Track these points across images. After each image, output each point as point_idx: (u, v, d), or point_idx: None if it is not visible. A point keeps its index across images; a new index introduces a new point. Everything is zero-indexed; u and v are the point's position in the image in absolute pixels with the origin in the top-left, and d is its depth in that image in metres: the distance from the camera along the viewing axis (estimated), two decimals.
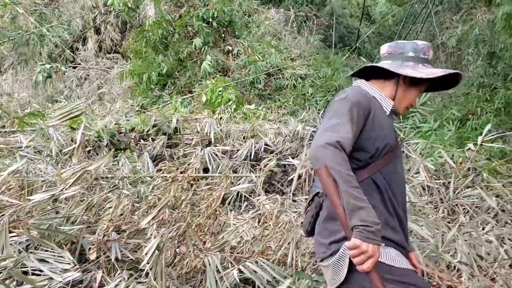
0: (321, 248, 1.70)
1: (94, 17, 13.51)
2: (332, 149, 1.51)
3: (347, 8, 19.52)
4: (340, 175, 1.48)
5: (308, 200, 1.78)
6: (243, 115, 6.77)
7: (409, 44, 1.89)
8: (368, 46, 18.69)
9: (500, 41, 8.50)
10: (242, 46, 9.30)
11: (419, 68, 1.82)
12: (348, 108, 1.65)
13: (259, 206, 4.05)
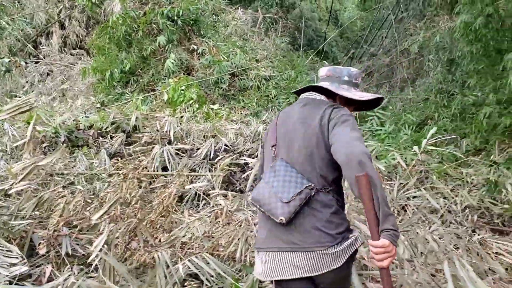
0: (327, 237, 1.89)
1: (58, 11, 13.26)
2: (371, 160, 1.78)
3: (316, 12, 19.78)
4: (380, 185, 1.73)
5: (297, 192, 1.89)
6: (205, 115, 6.79)
7: (345, 70, 2.22)
8: (335, 50, 19.00)
9: (459, 48, 8.78)
10: (207, 46, 9.31)
11: (352, 91, 2.17)
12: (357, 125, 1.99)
13: (214, 204, 4.09)
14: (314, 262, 1.88)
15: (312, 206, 1.92)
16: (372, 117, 6.70)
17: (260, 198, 1.94)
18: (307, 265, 1.89)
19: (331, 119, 1.97)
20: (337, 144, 1.85)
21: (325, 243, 1.88)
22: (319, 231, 1.90)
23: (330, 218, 1.92)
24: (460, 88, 9.06)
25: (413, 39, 11.69)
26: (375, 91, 11.81)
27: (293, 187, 1.90)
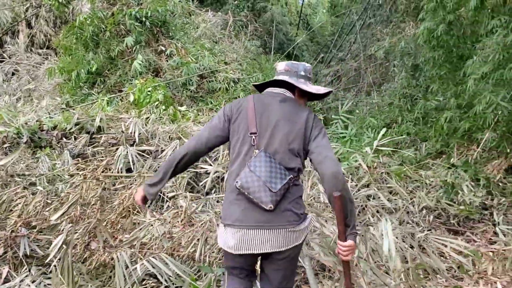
0: (295, 217, 2.21)
1: (25, 9, 13.00)
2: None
3: (287, 16, 19.94)
4: (351, 200, 2.15)
5: (283, 183, 2.16)
6: (171, 116, 6.79)
7: (301, 65, 2.42)
8: (306, 54, 19.20)
9: (422, 54, 9.01)
10: (175, 47, 9.30)
11: (309, 84, 2.40)
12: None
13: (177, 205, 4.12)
14: (282, 238, 2.18)
15: (290, 191, 2.21)
16: (337, 120, 6.82)
17: (250, 186, 2.15)
18: (277, 241, 2.17)
19: (314, 127, 2.28)
20: (323, 159, 2.15)
21: (293, 221, 2.19)
22: (290, 211, 2.19)
23: (297, 200, 2.24)
24: (423, 93, 9.31)
25: (379, 44, 11.93)
26: (342, 95, 12.01)
27: (279, 178, 2.15)
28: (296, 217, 2.20)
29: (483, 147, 6.25)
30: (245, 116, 2.32)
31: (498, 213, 4.74)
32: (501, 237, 4.25)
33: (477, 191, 5.17)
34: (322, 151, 2.17)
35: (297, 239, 2.22)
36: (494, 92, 5.89)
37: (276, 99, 2.34)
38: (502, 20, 5.97)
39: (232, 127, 2.33)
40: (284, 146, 2.23)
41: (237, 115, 2.35)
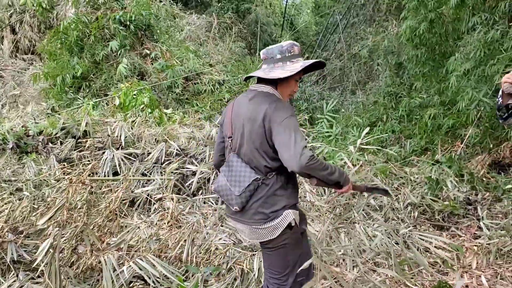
0: (260, 215, 2.24)
1: (9, 15, 12.89)
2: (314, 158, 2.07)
3: (272, 17, 19.99)
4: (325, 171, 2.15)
5: (245, 186, 2.23)
6: (157, 119, 6.79)
7: (276, 48, 2.31)
8: None
9: (405, 52, 9.11)
10: (160, 50, 9.30)
11: (287, 66, 2.26)
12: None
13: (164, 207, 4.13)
14: (254, 234, 2.31)
15: (258, 191, 2.24)
16: (322, 120, 6.88)
17: (220, 190, 2.32)
18: (251, 235, 2.34)
19: (273, 121, 2.15)
20: (285, 154, 2.09)
21: (258, 220, 2.25)
22: (255, 211, 2.25)
23: (266, 200, 2.24)
24: (407, 90, 9.41)
25: (363, 43, 12.03)
26: (328, 94, 12.09)
27: (242, 181, 2.23)
28: (263, 216, 2.24)
29: (467, 143, 6.35)
30: (225, 119, 2.40)
31: (482, 208, 4.82)
32: (485, 231, 4.31)
33: (461, 186, 5.25)
34: (282, 147, 2.10)
35: (269, 235, 2.26)
36: (477, 88, 5.99)
37: (247, 96, 2.32)
38: (482, 17, 6.07)
39: (223, 132, 2.43)
40: (250, 146, 2.24)
41: (223, 120, 2.44)
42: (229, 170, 2.29)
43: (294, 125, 2.14)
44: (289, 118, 2.14)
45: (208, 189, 5.05)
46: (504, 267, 3.65)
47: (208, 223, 4.26)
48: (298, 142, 2.07)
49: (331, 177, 2.19)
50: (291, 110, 2.20)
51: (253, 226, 2.27)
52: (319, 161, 2.10)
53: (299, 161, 2.03)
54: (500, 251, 3.86)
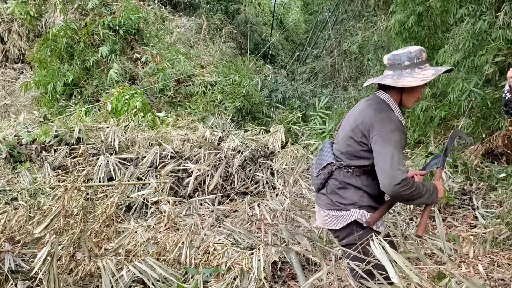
0: (328, 201, 2.38)
1: None
2: (407, 184, 2.12)
3: (261, 17, 20.00)
4: (410, 199, 2.21)
5: (321, 167, 2.38)
6: (150, 123, 6.79)
7: (404, 55, 2.27)
8: (282, 53, 19.31)
9: (395, 46, 9.15)
10: (150, 54, 9.28)
11: (416, 73, 2.23)
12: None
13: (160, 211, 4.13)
14: (322, 218, 2.46)
15: (333, 176, 2.36)
16: (315, 116, 6.90)
17: (311, 172, 2.55)
18: (319, 218, 2.51)
19: (374, 129, 2.20)
20: (380, 168, 2.15)
21: (327, 205, 2.39)
22: (327, 196, 2.38)
23: (337, 191, 2.34)
24: None
25: (353, 39, 12.06)
26: (320, 91, 12.10)
27: (321, 164, 2.40)
28: (330, 202, 2.36)
29: None
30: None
31: (477, 198, 4.86)
32: (481, 221, 4.36)
33: (456, 177, 5.28)
34: (379, 161, 2.15)
35: (331, 223, 2.38)
36: (467, 79, 6.04)
37: (366, 100, 2.39)
38: (470, 9, 6.12)
39: None
40: (344, 141, 2.35)
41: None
42: (319, 154, 2.48)
43: (394, 141, 2.15)
44: (390, 132, 2.16)
45: (205, 191, 5.06)
46: (500, 255, 3.68)
47: (205, 224, 4.27)
48: (394, 160, 2.11)
49: (418, 201, 2.23)
50: (396, 124, 2.19)
51: (323, 209, 2.42)
52: (411, 189, 2.13)
53: (388, 180, 2.12)
54: (496, 239, 3.90)
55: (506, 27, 5.46)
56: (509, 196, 4.57)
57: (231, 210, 4.83)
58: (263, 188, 5.28)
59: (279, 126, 6.56)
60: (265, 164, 5.56)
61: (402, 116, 2.32)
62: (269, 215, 4.23)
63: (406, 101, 2.32)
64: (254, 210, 4.48)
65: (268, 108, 10.09)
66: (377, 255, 1.98)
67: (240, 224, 4.33)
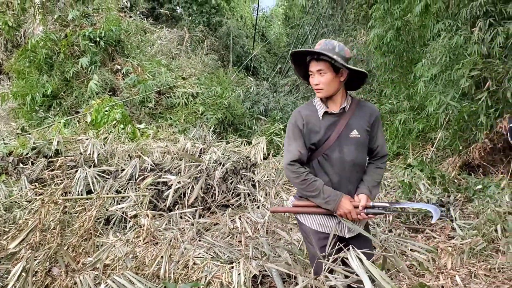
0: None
1: None
2: (292, 170, 2.42)
3: (243, 29, 20.13)
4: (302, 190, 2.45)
5: None
6: (130, 135, 6.73)
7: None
8: (264, 66, 19.42)
9: (374, 60, 9.29)
10: (131, 65, 9.25)
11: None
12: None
13: (139, 224, 4.08)
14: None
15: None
16: None
17: None
18: None
19: None
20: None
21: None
22: None
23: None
24: (377, 97, 9.58)
25: None
26: (302, 103, 12.17)
27: None
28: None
29: (437, 146, 6.49)
30: None
31: (454, 209, 4.92)
32: (459, 232, 4.41)
33: (434, 189, 5.35)
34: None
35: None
36: (444, 92, 6.15)
37: None
38: (446, 24, 6.25)
39: None
40: None
41: None
42: None
43: (287, 133, 2.50)
44: (288, 124, 2.51)
45: (185, 204, 5.02)
46: (477, 266, 3.73)
47: (185, 238, 4.23)
48: (285, 149, 2.48)
49: (313, 200, 2.43)
50: (292, 116, 2.49)
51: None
52: (300, 179, 2.39)
53: (284, 167, 2.46)
54: (473, 250, 3.95)
55: (481, 42, 5.59)
56: (485, 208, 4.64)
57: (212, 223, 4.80)
58: (244, 200, 5.27)
59: (261, 138, 6.58)
60: (247, 176, 5.55)
61: (324, 105, 2.47)
62: (250, 228, 4.22)
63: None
64: (235, 223, 4.46)
65: (250, 119, 10.11)
66: (354, 267, 2.00)
67: (220, 238, 4.30)
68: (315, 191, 2.37)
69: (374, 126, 2.49)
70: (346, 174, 2.43)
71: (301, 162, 2.42)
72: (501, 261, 3.74)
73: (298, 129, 2.41)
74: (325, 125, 2.42)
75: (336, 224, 2.46)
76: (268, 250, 3.68)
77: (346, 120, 2.43)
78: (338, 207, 2.34)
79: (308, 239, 2.53)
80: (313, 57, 2.38)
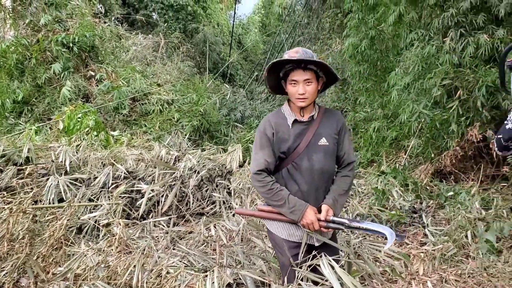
0: None
1: None
2: (256, 179, 2.43)
3: (220, 36, 20.16)
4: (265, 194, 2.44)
5: None
6: (104, 142, 6.63)
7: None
8: (241, 73, 19.47)
9: (349, 69, 9.41)
10: (105, 71, 9.13)
11: None
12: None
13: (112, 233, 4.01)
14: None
15: None
16: None
17: None
18: None
19: None
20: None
21: None
22: None
23: None
24: (352, 105, 9.69)
25: None
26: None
27: None
28: None
29: (410, 153, 6.59)
30: None
31: (426, 215, 5.00)
32: (430, 238, 4.48)
33: (407, 195, 5.43)
34: None
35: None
36: (417, 101, 6.25)
37: None
38: (419, 34, 6.37)
39: None
40: None
41: None
42: None
43: (255, 141, 2.49)
44: (256, 132, 2.52)
45: (159, 212, 4.96)
46: (448, 271, 3.79)
47: (159, 246, 4.18)
48: (251, 157, 2.48)
49: (278, 209, 2.43)
50: (261, 124, 2.49)
51: None
52: (266, 188, 2.39)
53: (251, 175, 2.46)
54: (444, 256, 4.02)
55: (452, 52, 5.72)
56: (456, 214, 4.73)
57: (187, 232, 4.76)
58: (219, 208, 5.24)
59: (236, 145, 6.57)
60: (222, 184, 5.53)
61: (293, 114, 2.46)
62: (225, 236, 4.19)
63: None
64: (210, 231, 4.43)
65: (226, 127, 10.10)
66: (326, 274, 2.00)
67: (195, 246, 4.26)
68: (280, 200, 2.36)
69: (341, 133, 2.51)
70: (315, 182, 2.44)
71: (268, 171, 2.42)
72: (471, 267, 3.81)
73: (267, 138, 2.41)
74: (294, 133, 2.42)
75: (305, 233, 2.46)
76: (243, 258, 3.66)
77: (314, 128, 2.44)
78: (302, 217, 2.34)
79: (278, 248, 2.53)
80: (300, 66, 2.34)
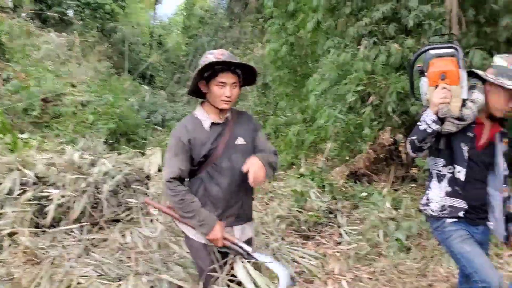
0: None
1: None
2: (168, 185, 2.36)
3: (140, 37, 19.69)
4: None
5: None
6: (10, 145, 6.17)
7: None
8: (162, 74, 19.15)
9: (270, 73, 9.57)
10: (13, 70, 8.54)
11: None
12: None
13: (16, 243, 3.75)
14: None
15: None
16: None
17: None
18: None
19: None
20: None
21: None
22: None
23: None
24: (273, 109, 9.86)
25: None
26: None
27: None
28: None
29: (327, 156, 6.81)
30: None
31: (341, 216, 5.18)
32: (345, 238, 4.64)
33: (323, 196, 5.58)
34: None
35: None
36: (333, 106, 6.46)
37: None
38: (335, 41, 6.59)
39: None
40: None
41: None
42: None
43: (169, 146, 2.41)
44: (170, 137, 2.44)
45: (71, 219, 4.70)
46: (362, 270, 3.94)
47: (71, 256, 3.96)
48: (164, 162, 2.43)
49: (188, 220, 2.39)
50: (176, 130, 2.42)
51: None
52: (178, 198, 2.32)
53: (164, 183, 2.36)
54: (358, 254, 4.17)
55: (365, 59, 5.97)
56: (369, 214, 4.94)
57: (101, 239, 4.55)
58: (136, 214, 5.07)
59: (155, 148, 6.40)
60: (140, 189, 5.36)
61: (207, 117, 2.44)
62: (142, 242, 4.06)
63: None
64: (125, 238, 4.27)
65: (145, 130, 9.84)
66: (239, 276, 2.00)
67: (110, 254, 4.08)
68: (191, 212, 2.34)
69: (256, 131, 2.53)
70: (237, 182, 2.42)
71: (181, 179, 2.38)
72: (383, 264, 3.98)
73: (182, 144, 2.36)
74: (212, 135, 2.39)
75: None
76: (161, 265, 3.56)
77: (230, 129, 2.43)
78: (210, 232, 2.33)
79: (196, 253, 2.49)
80: (230, 68, 2.30)
